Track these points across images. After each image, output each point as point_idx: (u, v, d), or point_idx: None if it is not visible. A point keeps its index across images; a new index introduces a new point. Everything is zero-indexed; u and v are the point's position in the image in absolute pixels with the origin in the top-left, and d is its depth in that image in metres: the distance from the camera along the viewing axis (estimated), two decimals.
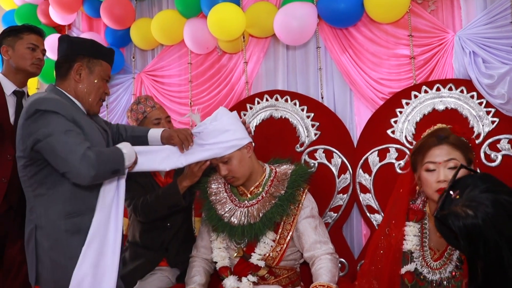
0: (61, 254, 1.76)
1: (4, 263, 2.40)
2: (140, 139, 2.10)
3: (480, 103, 2.22)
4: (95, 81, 1.92)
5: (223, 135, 2.02)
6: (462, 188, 1.57)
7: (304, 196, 2.09)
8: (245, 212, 2.07)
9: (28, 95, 2.49)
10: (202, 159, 2.06)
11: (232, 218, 2.08)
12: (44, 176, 1.78)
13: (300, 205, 2.07)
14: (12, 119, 2.36)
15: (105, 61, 1.96)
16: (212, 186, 2.20)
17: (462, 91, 2.25)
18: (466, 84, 2.25)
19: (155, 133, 2.12)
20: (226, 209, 2.11)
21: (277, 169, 2.17)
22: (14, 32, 2.42)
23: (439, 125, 1.85)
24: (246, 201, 2.10)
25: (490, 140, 2.18)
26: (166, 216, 2.27)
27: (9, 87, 2.39)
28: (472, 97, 2.23)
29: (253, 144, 2.14)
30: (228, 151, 2.02)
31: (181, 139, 2.01)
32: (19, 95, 2.42)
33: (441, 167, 1.71)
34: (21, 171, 1.81)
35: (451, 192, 1.60)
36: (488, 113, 2.20)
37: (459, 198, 1.55)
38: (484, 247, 1.46)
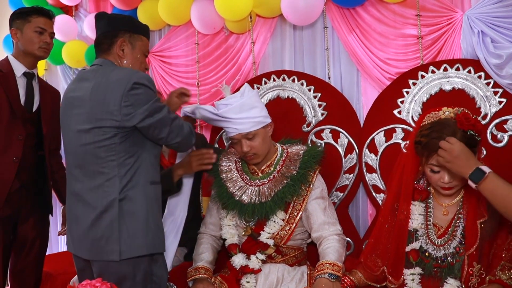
0: (151, 219, 1.83)
1: (16, 240, 2.46)
2: None
3: (488, 83, 2.21)
4: (138, 56, 1.95)
5: (252, 110, 2.05)
6: None
7: (315, 177, 2.12)
8: (256, 191, 2.09)
9: (38, 77, 2.53)
10: (231, 134, 2.10)
11: (243, 196, 2.10)
12: (131, 145, 1.81)
13: (311, 186, 2.09)
14: (22, 100, 2.41)
15: (145, 36, 1.99)
16: (223, 164, 2.22)
17: (469, 71, 2.24)
18: (473, 64, 2.24)
19: None
20: (237, 187, 2.14)
21: (288, 149, 2.19)
22: (23, 15, 2.42)
23: (444, 110, 1.80)
24: (257, 180, 2.13)
25: (497, 121, 2.17)
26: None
27: (19, 69, 2.42)
28: (479, 77, 2.22)
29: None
30: (255, 127, 2.05)
31: None
32: (29, 76, 2.45)
33: (446, 169, 1.72)
34: (105, 140, 1.78)
35: None
36: (495, 93, 2.19)
37: None
38: None
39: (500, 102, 2.18)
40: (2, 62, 2.43)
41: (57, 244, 3.80)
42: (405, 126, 2.33)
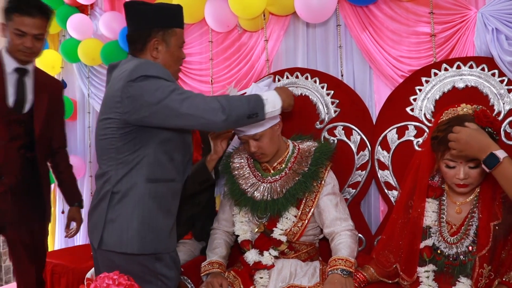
0: (138, 217, 1.74)
1: (10, 245, 2.35)
2: None
3: (502, 81, 2.20)
4: (174, 52, 1.88)
5: None
6: None
7: (326, 173, 2.13)
8: (268, 188, 2.12)
9: (34, 72, 2.30)
10: (238, 135, 2.13)
11: (255, 193, 2.13)
12: (133, 142, 1.75)
13: (323, 182, 2.11)
14: (11, 99, 2.19)
15: (178, 27, 1.90)
16: (235, 161, 2.25)
17: (483, 69, 2.23)
18: (487, 62, 2.23)
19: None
20: (249, 184, 2.16)
21: (300, 146, 2.21)
22: (7, 11, 2.12)
23: (463, 106, 1.80)
24: (269, 177, 2.15)
25: (510, 118, 2.15)
26: (197, 193, 2.33)
27: (10, 64, 2.19)
28: (493, 74, 2.21)
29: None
30: (261, 128, 2.06)
31: None
32: (21, 72, 2.22)
33: (462, 165, 1.73)
34: (108, 133, 1.76)
35: None
36: (509, 91, 2.17)
37: None
38: None
39: None
40: None
41: (73, 238, 3.86)
42: (417, 124, 2.34)
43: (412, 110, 2.36)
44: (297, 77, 2.63)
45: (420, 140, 2.30)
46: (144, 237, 1.74)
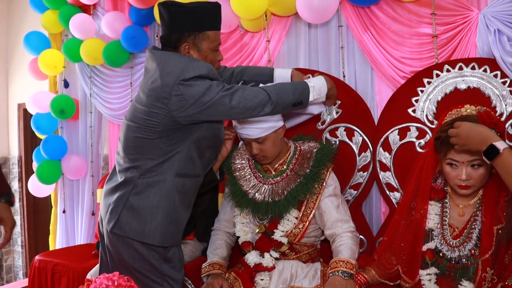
0: (163, 210, 1.80)
1: None
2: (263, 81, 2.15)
3: (504, 82, 2.19)
4: (206, 56, 1.85)
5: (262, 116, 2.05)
6: None
7: (328, 175, 2.13)
8: (269, 189, 2.11)
9: None
10: (242, 136, 2.13)
11: (256, 195, 2.12)
12: (171, 134, 1.78)
13: (324, 184, 2.11)
14: None
15: (212, 29, 1.84)
16: (236, 162, 2.25)
17: (485, 70, 2.23)
18: (489, 63, 2.23)
19: (283, 73, 2.18)
20: (250, 185, 2.16)
21: (301, 147, 2.21)
22: None
23: (466, 107, 1.80)
24: (270, 178, 2.15)
25: None
26: (200, 193, 2.34)
27: None
28: (495, 76, 2.21)
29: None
30: (265, 132, 2.06)
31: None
32: None
33: (464, 166, 1.73)
34: (149, 124, 1.77)
35: None
36: (511, 92, 2.18)
37: None
38: None
39: None
40: None
41: (74, 237, 3.87)
42: (419, 125, 2.33)
43: (414, 111, 2.36)
44: None
45: (422, 141, 2.30)
46: (166, 229, 1.80)
